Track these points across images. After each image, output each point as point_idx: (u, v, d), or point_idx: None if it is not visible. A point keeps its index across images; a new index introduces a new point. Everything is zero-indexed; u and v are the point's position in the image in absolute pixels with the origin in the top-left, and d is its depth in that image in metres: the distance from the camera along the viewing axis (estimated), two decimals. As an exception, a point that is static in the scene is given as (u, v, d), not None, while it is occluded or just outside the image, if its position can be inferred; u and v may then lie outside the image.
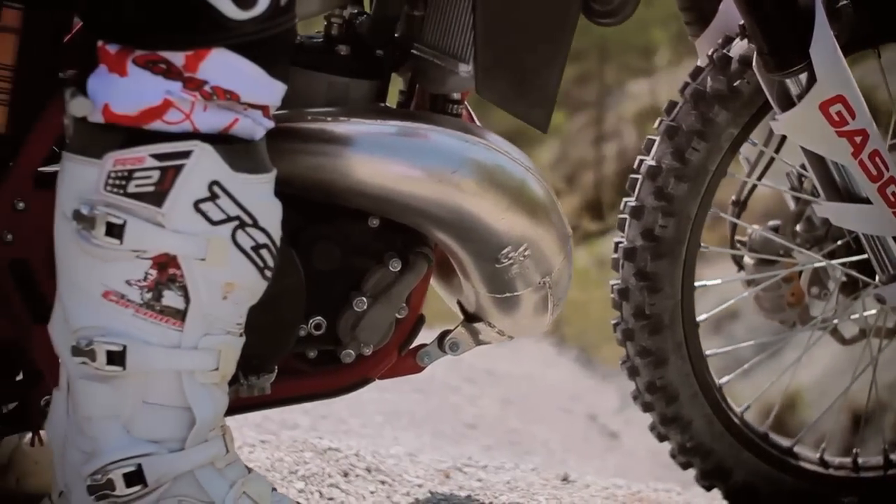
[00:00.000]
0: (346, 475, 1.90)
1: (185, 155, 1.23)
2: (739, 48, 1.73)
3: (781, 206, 2.00)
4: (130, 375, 1.26)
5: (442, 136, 1.44)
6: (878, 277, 1.78)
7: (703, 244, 1.80)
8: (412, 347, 1.60)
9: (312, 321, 1.50)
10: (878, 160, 1.65)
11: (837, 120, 1.62)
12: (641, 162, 1.79)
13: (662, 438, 1.89)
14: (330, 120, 1.43)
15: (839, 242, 1.85)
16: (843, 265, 1.84)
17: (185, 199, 1.23)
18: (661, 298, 1.78)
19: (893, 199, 1.66)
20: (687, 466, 1.90)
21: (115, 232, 1.23)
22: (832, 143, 1.64)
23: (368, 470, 1.93)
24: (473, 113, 1.62)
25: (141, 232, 1.23)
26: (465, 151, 1.44)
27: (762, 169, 1.86)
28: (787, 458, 1.90)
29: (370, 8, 1.55)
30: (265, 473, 1.79)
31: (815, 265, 1.86)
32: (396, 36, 1.53)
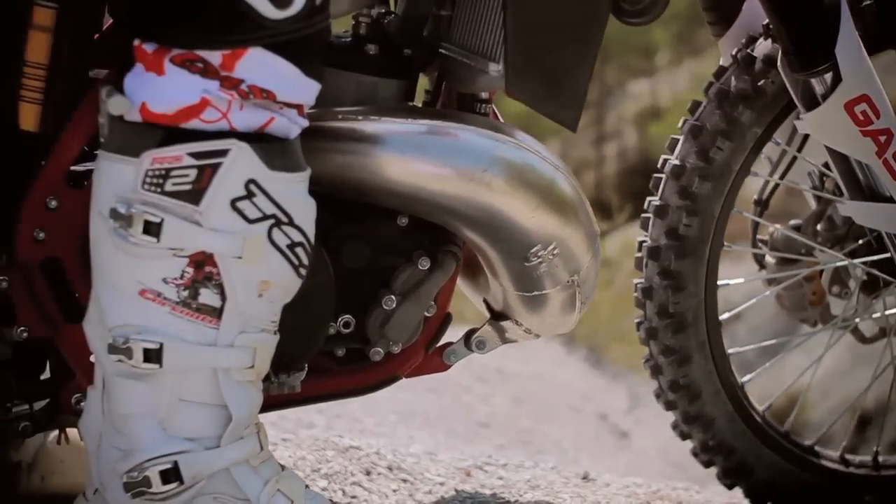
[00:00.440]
0: (368, 473, 1.90)
1: (222, 153, 1.23)
2: (763, 48, 1.74)
3: (798, 205, 2.00)
4: (167, 373, 1.26)
5: (472, 134, 1.44)
6: (899, 276, 1.78)
7: (725, 243, 1.81)
8: (439, 346, 1.60)
9: (341, 319, 1.50)
10: (902, 159, 1.66)
11: (862, 119, 1.63)
12: (665, 161, 1.79)
13: (685, 437, 1.89)
14: (360, 119, 1.43)
15: (860, 241, 1.86)
16: (864, 264, 1.84)
17: (222, 197, 1.23)
18: (684, 297, 1.78)
19: (917, 198, 1.67)
20: (709, 465, 1.90)
21: (152, 230, 1.23)
22: (857, 142, 1.64)
23: (390, 468, 1.94)
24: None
25: (178, 230, 1.23)
26: (495, 150, 1.44)
27: (784, 168, 1.87)
28: (808, 456, 1.90)
29: (395, 7, 1.56)
30: (288, 472, 1.80)
31: (836, 264, 1.86)
32: (424, 35, 1.53)
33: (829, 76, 1.63)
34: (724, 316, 1.84)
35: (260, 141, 1.25)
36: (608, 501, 1.84)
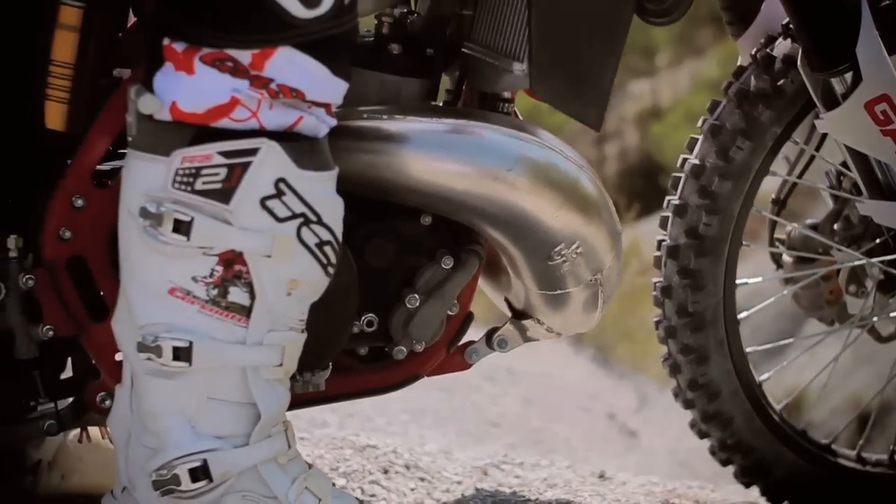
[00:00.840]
0: (385, 472, 1.91)
1: (252, 152, 1.23)
2: (783, 47, 1.74)
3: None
4: (196, 371, 1.27)
5: (496, 134, 1.44)
6: (918, 275, 1.79)
7: (744, 241, 1.81)
8: (460, 344, 1.61)
9: (365, 318, 1.50)
10: (922, 159, 1.66)
11: (882, 119, 1.63)
12: (685, 160, 1.80)
13: (703, 435, 1.90)
14: (385, 118, 1.44)
15: (877, 240, 1.86)
16: (881, 263, 1.85)
17: (251, 195, 1.24)
18: (703, 296, 1.79)
19: (936, 197, 1.68)
20: (727, 463, 1.91)
21: (182, 229, 1.23)
22: (876, 141, 1.65)
23: (407, 467, 1.94)
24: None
25: (208, 229, 1.24)
26: (519, 149, 1.44)
27: (802, 167, 1.87)
28: (824, 454, 1.90)
29: (416, 7, 1.56)
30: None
31: (853, 263, 1.87)
32: (446, 35, 1.53)
33: (849, 76, 1.63)
34: (742, 315, 1.85)
35: (289, 140, 1.25)
36: (627, 499, 1.84)
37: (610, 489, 1.90)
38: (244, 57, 1.23)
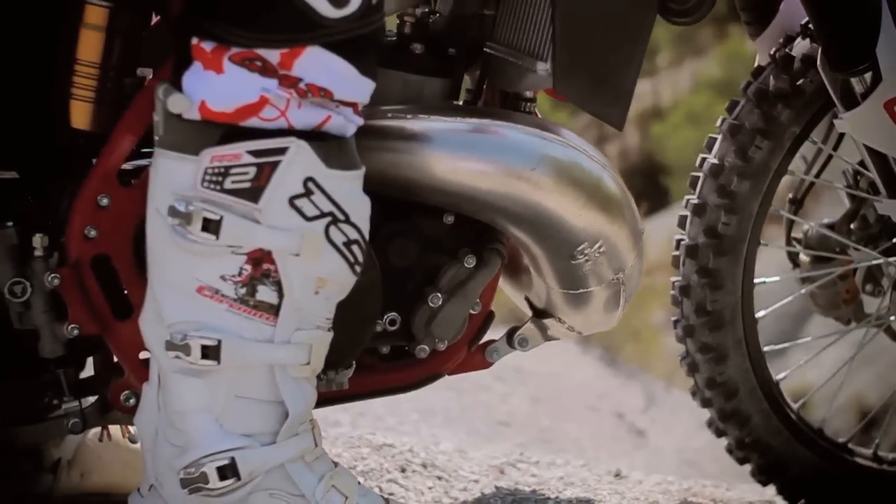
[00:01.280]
0: (403, 471, 1.92)
1: (281, 151, 1.24)
2: (802, 47, 1.74)
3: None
4: (224, 370, 1.27)
5: (520, 133, 1.45)
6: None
7: (762, 241, 1.82)
8: (481, 343, 1.61)
9: (388, 317, 1.51)
10: (941, 158, 1.67)
11: (902, 118, 1.64)
12: (703, 160, 1.80)
13: (720, 434, 1.90)
14: (408, 117, 1.44)
15: (894, 240, 1.87)
16: (898, 262, 1.85)
17: (280, 194, 1.24)
18: (722, 295, 1.79)
19: (956, 197, 1.68)
20: (744, 461, 1.91)
21: (211, 228, 1.24)
22: (896, 141, 1.65)
23: (424, 465, 1.95)
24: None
25: (237, 228, 1.24)
26: (543, 148, 1.45)
27: (820, 166, 1.88)
28: (841, 453, 1.91)
29: (435, 7, 1.56)
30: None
31: (870, 262, 1.87)
32: (468, 34, 1.54)
33: (868, 75, 1.63)
34: (760, 314, 1.85)
35: (317, 139, 1.26)
36: (646, 498, 1.85)
37: (628, 487, 1.91)
38: (273, 56, 1.23)
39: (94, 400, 1.48)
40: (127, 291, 1.42)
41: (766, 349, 1.87)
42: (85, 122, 1.38)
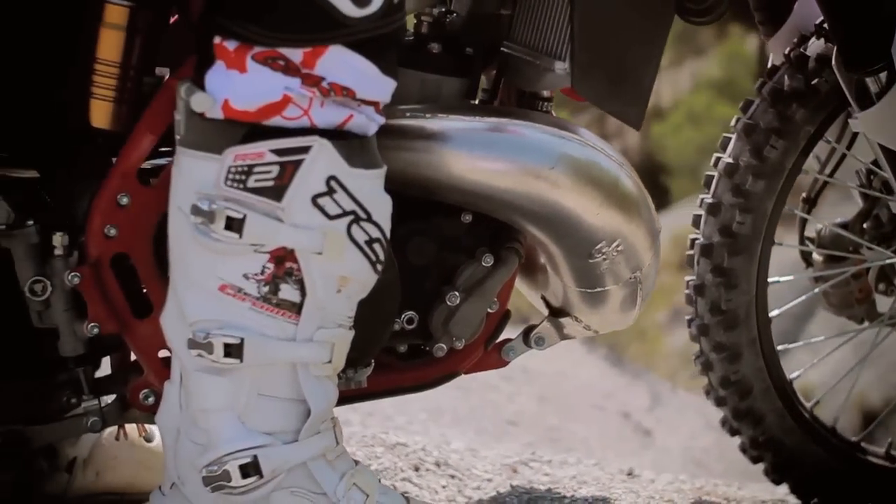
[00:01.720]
0: (416, 469, 1.92)
1: (304, 150, 1.24)
2: (817, 47, 1.75)
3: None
4: (246, 368, 1.27)
5: (538, 132, 1.45)
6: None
7: (776, 240, 1.82)
8: (497, 342, 1.61)
9: (405, 316, 1.51)
10: (956, 158, 1.67)
11: (917, 118, 1.64)
12: (718, 159, 1.81)
13: (734, 433, 1.90)
14: (427, 116, 1.44)
15: (907, 239, 1.87)
16: (911, 262, 1.86)
17: (303, 193, 1.24)
18: (737, 294, 1.79)
19: (971, 196, 1.68)
20: (757, 460, 1.91)
21: (234, 226, 1.24)
22: (911, 140, 1.66)
23: (437, 464, 1.95)
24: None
25: (260, 226, 1.24)
26: (561, 147, 1.45)
27: (833, 166, 1.88)
28: (854, 452, 1.91)
29: (452, 6, 1.57)
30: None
31: (883, 262, 1.88)
32: (485, 34, 1.54)
33: (884, 75, 1.63)
34: (773, 313, 1.86)
35: (340, 138, 1.26)
36: (660, 497, 1.85)
37: (642, 486, 1.91)
38: (296, 55, 1.24)
39: (112, 398, 1.48)
40: (146, 290, 1.42)
41: (779, 348, 1.87)
42: (105, 121, 1.39)
